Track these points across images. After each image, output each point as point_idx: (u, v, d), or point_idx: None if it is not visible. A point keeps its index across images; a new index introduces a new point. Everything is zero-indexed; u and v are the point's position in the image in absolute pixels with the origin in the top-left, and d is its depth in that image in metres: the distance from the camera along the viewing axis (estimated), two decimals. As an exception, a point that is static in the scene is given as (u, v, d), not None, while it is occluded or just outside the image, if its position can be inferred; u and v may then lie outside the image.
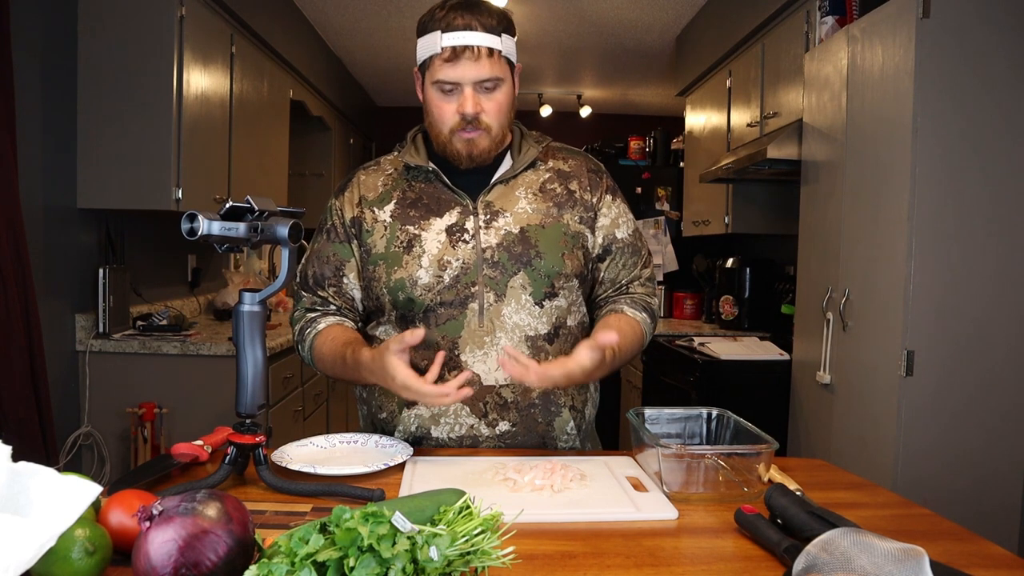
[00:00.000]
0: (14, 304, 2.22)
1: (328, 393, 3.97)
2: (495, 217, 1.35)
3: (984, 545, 0.93)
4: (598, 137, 5.22)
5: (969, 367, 1.97)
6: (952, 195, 1.96)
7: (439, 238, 1.33)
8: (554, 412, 1.37)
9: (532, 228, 1.35)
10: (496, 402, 1.33)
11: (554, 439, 1.38)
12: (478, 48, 1.27)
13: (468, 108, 1.29)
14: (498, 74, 1.30)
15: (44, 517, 0.68)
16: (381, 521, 0.71)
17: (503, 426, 1.34)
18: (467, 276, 1.32)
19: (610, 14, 4.15)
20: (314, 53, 4.53)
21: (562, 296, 1.36)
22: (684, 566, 0.86)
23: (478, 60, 1.27)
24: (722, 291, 3.79)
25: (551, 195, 1.39)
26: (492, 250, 1.33)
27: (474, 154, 1.33)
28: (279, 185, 4.04)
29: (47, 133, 2.59)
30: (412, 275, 1.32)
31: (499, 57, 1.30)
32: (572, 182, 1.42)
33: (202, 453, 1.16)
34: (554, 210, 1.38)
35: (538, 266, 1.33)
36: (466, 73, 1.28)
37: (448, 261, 1.32)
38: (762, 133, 3.21)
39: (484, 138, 1.32)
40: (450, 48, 1.27)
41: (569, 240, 1.37)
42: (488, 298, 1.32)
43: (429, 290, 1.32)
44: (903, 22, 1.99)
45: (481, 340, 1.32)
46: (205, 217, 0.99)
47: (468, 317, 1.32)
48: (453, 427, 1.34)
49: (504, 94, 1.32)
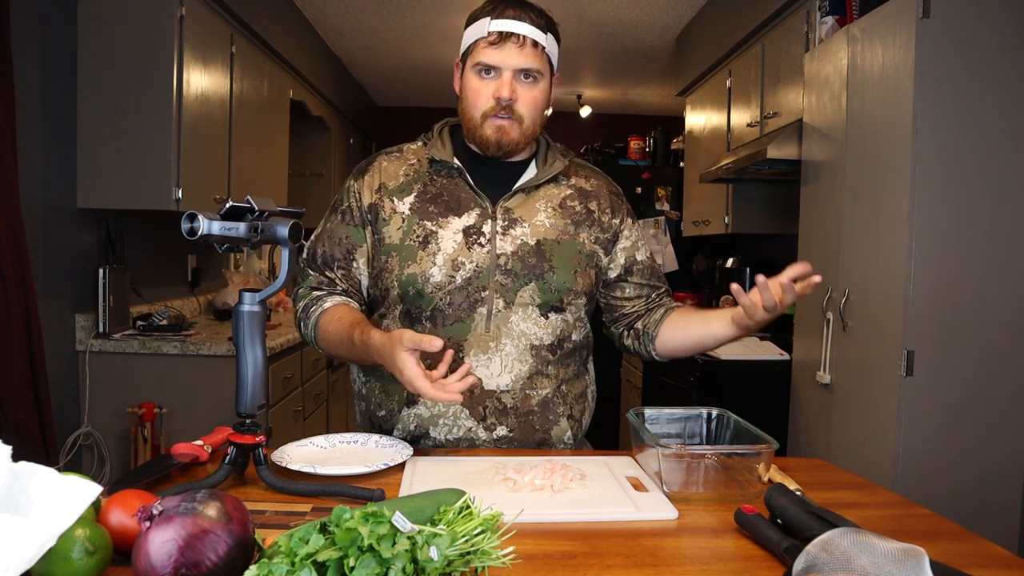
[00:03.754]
0: (14, 304, 2.22)
1: (328, 393, 3.97)
2: (513, 225, 1.35)
3: (984, 545, 0.93)
4: (598, 137, 5.22)
5: (969, 367, 1.97)
6: (952, 195, 1.96)
7: (456, 238, 1.33)
8: (552, 420, 1.37)
9: (548, 243, 1.35)
10: (496, 407, 1.33)
11: (550, 447, 1.38)
12: (524, 37, 1.29)
13: (504, 92, 1.30)
14: (539, 67, 1.32)
15: (44, 517, 0.68)
16: (381, 521, 0.71)
17: (501, 431, 1.34)
18: (479, 280, 1.32)
19: (610, 14, 4.15)
20: (314, 53, 4.53)
21: (569, 312, 1.37)
22: (684, 566, 0.86)
23: (522, 48, 1.29)
24: (722, 291, 3.79)
25: (570, 212, 1.40)
26: (507, 257, 1.33)
27: (503, 142, 1.33)
28: (279, 185, 4.05)
29: (47, 133, 2.59)
30: (425, 272, 1.32)
31: (542, 52, 1.32)
32: (592, 202, 1.43)
33: (202, 453, 1.16)
34: (571, 228, 1.38)
35: (550, 280, 1.34)
36: (509, 58, 1.29)
37: (462, 262, 1.32)
38: (762, 133, 3.21)
39: (515, 128, 1.33)
40: (497, 32, 1.29)
41: (583, 259, 1.38)
42: (497, 304, 1.32)
43: (440, 288, 1.32)
44: (903, 22, 1.99)
45: (486, 345, 1.32)
46: (205, 217, 0.99)
47: (476, 321, 1.32)
48: (451, 429, 1.34)
49: (541, 91, 1.34)
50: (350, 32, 4.61)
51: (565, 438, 1.39)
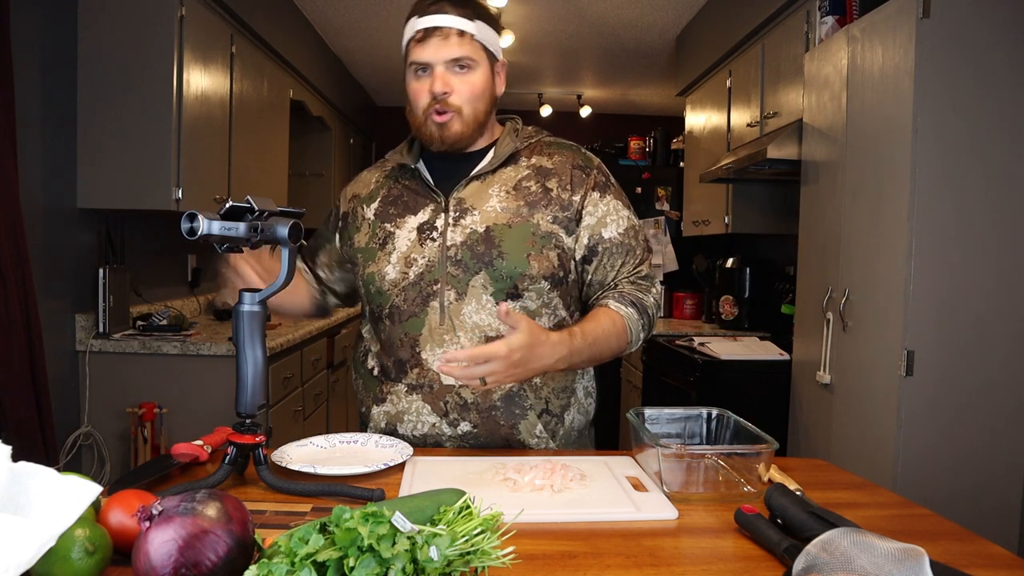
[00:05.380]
0: (14, 304, 2.22)
1: (328, 393, 3.97)
2: (463, 215, 1.35)
3: (984, 545, 0.93)
4: (598, 137, 5.22)
5: (969, 367, 1.97)
6: (952, 195, 1.96)
7: (410, 236, 1.36)
8: (519, 415, 1.34)
9: (498, 227, 1.32)
10: (456, 402, 1.32)
11: (520, 442, 1.35)
12: (447, 29, 1.31)
13: (437, 86, 1.31)
14: (469, 55, 1.32)
15: (44, 517, 0.69)
16: (381, 521, 0.71)
17: (464, 426, 1.33)
18: (431, 274, 1.33)
19: (610, 14, 4.15)
20: (314, 53, 4.53)
21: (528, 298, 1.33)
22: (684, 566, 0.86)
23: (447, 39, 1.31)
24: (722, 291, 3.79)
25: (524, 193, 1.36)
26: (456, 248, 1.33)
27: (446, 137, 1.34)
28: (279, 185, 4.05)
29: (47, 133, 2.59)
30: (381, 270, 1.36)
31: (471, 40, 1.32)
32: (551, 180, 1.37)
33: (202, 453, 1.16)
34: (524, 209, 1.34)
35: (499, 266, 1.31)
36: (436, 52, 1.31)
37: (414, 259, 1.34)
38: (762, 133, 3.21)
39: (456, 121, 1.33)
40: (422, 30, 1.32)
41: (538, 241, 1.33)
42: (449, 296, 1.32)
43: (395, 285, 1.34)
44: (903, 22, 1.99)
45: (441, 338, 1.32)
46: (205, 217, 0.99)
47: (429, 315, 1.32)
48: (416, 425, 1.34)
49: (478, 77, 1.33)
50: (350, 32, 4.61)
51: (536, 431, 1.35)
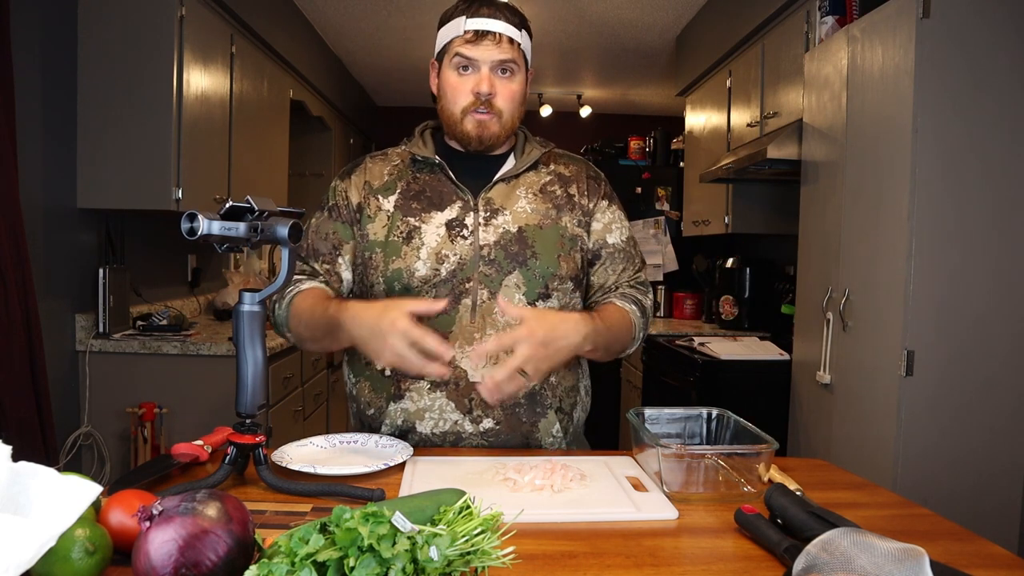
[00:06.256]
0: (14, 304, 2.22)
1: (328, 393, 3.97)
2: (495, 215, 1.36)
3: (984, 545, 0.93)
4: (598, 137, 5.22)
5: (969, 367, 1.97)
6: (952, 195, 1.96)
7: (439, 232, 1.35)
8: (539, 413, 1.37)
9: (530, 228, 1.36)
10: (481, 399, 1.32)
11: (538, 440, 1.38)
12: (499, 34, 1.33)
13: (484, 87, 1.33)
14: (516, 59, 1.35)
15: (44, 517, 0.68)
16: (381, 521, 0.71)
17: (487, 423, 1.34)
18: (463, 272, 1.33)
19: (610, 14, 4.15)
20: (314, 53, 4.53)
21: (555, 298, 1.37)
22: (684, 566, 0.86)
23: (499, 44, 1.33)
24: (722, 291, 3.79)
25: (551, 197, 1.41)
26: (490, 247, 1.34)
27: (484, 136, 1.36)
28: (279, 185, 4.04)
29: (47, 133, 2.59)
30: (410, 266, 1.33)
31: (517, 48, 1.35)
32: (572, 186, 1.44)
33: (202, 453, 1.16)
34: (553, 212, 1.39)
35: (533, 266, 1.35)
36: (486, 53, 1.33)
37: (446, 255, 1.33)
38: (762, 133, 3.21)
39: (495, 122, 1.35)
40: (473, 31, 1.33)
41: (567, 243, 1.38)
42: (482, 295, 1.33)
43: (426, 282, 1.33)
44: (903, 22, 1.99)
45: (471, 336, 1.32)
46: (205, 217, 0.99)
47: (460, 312, 1.33)
48: (437, 422, 1.34)
49: (518, 84, 1.37)
50: (350, 32, 4.61)
51: (554, 431, 1.39)
